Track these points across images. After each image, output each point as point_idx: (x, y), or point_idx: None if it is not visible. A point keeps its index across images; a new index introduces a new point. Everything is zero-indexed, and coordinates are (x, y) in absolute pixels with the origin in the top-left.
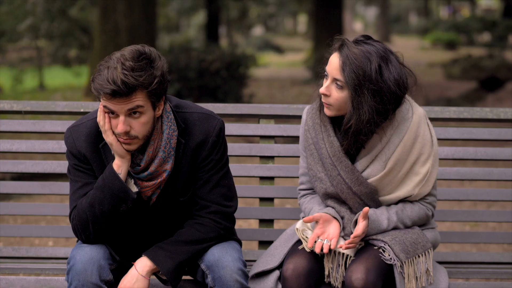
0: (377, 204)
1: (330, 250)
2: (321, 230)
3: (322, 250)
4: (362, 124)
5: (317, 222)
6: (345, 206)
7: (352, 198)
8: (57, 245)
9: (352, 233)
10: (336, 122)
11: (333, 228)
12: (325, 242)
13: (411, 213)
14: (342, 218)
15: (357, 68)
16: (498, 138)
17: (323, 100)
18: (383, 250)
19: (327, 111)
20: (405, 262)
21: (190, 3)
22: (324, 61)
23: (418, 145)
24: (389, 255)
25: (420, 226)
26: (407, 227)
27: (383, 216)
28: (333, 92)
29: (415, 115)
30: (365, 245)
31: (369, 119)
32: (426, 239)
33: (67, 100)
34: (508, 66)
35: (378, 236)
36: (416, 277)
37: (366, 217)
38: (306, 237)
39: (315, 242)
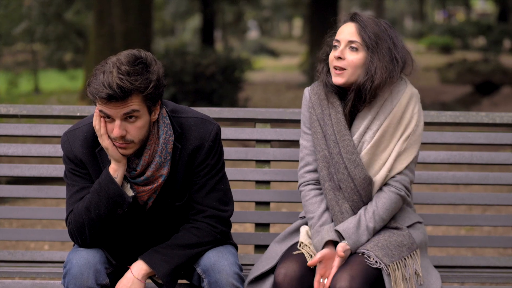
0: (368, 195)
1: None
2: (324, 270)
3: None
4: (380, 82)
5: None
6: (339, 193)
7: (346, 180)
8: (53, 249)
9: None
10: (342, 98)
11: (334, 263)
12: (326, 281)
13: (384, 205)
14: (333, 210)
15: (373, 29)
16: (494, 142)
17: (336, 64)
18: (367, 256)
19: (337, 79)
20: (389, 265)
21: (185, 7)
22: (322, 48)
23: (405, 120)
24: (373, 259)
25: (403, 222)
26: (386, 221)
27: (360, 230)
28: (347, 55)
29: (408, 89)
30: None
31: (385, 78)
32: (412, 240)
33: (62, 104)
34: (503, 70)
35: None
36: (406, 279)
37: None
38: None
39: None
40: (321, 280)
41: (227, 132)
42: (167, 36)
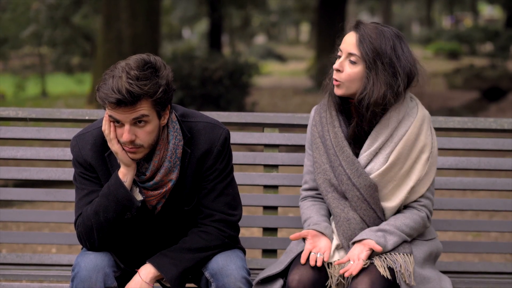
0: (376, 201)
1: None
2: (312, 245)
3: (316, 262)
4: (377, 98)
5: (305, 238)
6: (345, 202)
7: (351, 190)
8: (60, 252)
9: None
10: (344, 111)
11: (324, 242)
12: (318, 255)
13: (405, 220)
14: (338, 217)
15: (374, 42)
16: (502, 148)
17: (334, 77)
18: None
19: (336, 90)
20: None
21: (193, 12)
22: (330, 61)
23: (420, 142)
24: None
25: (420, 237)
26: (409, 235)
27: (388, 242)
28: (346, 67)
29: (420, 112)
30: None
31: (385, 93)
32: (406, 246)
33: (69, 107)
34: (510, 76)
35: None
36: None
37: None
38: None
39: (309, 256)
40: (312, 253)
41: (235, 137)
42: (174, 40)
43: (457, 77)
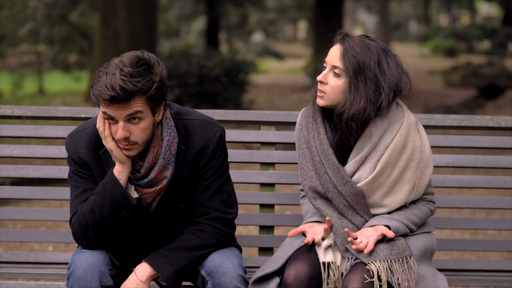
0: (363, 208)
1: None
2: (313, 234)
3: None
4: (355, 112)
5: (303, 233)
6: (332, 207)
7: (338, 198)
8: (57, 250)
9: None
10: (329, 117)
11: (320, 228)
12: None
13: (414, 210)
14: (330, 216)
15: (357, 55)
16: (499, 146)
17: (318, 87)
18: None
19: (319, 101)
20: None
21: (190, 9)
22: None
23: (408, 150)
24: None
25: (417, 229)
26: (416, 225)
27: (399, 228)
28: (330, 80)
29: (406, 119)
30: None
31: (364, 108)
32: (406, 247)
33: (67, 105)
34: (507, 74)
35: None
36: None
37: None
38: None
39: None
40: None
41: (231, 135)
42: (171, 38)
43: (454, 74)
